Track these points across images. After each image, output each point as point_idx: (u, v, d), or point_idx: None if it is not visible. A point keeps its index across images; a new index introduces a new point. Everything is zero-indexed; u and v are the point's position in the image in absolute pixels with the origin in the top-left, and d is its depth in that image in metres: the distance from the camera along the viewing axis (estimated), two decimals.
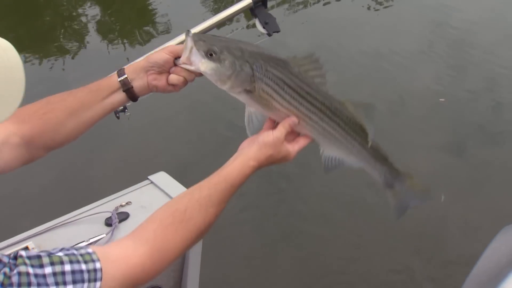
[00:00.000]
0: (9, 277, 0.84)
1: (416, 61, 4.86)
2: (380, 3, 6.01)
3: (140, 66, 1.32)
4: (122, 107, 2.03)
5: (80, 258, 0.93)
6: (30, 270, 0.86)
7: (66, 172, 3.64)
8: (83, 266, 0.92)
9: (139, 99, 1.38)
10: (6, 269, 0.84)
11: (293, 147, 1.31)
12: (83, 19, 6.07)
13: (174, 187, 1.94)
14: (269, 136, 1.26)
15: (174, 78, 1.29)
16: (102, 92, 1.31)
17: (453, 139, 3.93)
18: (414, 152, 3.73)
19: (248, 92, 1.28)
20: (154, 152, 3.79)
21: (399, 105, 4.28)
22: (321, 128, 1.35)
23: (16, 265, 0.85)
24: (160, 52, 1.30)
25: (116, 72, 1.34)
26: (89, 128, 1.35)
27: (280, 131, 1.27)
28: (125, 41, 5.54)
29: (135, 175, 2.11)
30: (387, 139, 3.66)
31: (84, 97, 1.30)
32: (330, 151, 1.40)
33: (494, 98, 4.30)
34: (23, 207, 3.30)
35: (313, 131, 1.35)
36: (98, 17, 6.11)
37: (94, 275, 0.93)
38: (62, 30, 5.90)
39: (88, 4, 6.36)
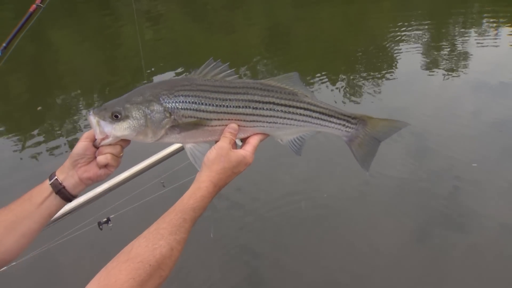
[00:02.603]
0: None
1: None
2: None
3: (67, 165, 1.29)
4: (105, 219, 2.30)
5: None
6: None
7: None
8: None
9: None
10: None
11: (245, 149, 1.28)
12: None
13: None
14: (212, 152, 1.23)
15: (101, 158, 1.25)
16: (36, 199, 1.26)
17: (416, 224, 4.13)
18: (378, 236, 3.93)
19: (174, 127, 1.24)
20: None
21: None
22: (261, 118, 1.31)
23: None
24: (78, 143, 1.27)
25: (48, 177, 1.31)
26: (31, 241, 1.29)
27: (221, 141, 1.25)
28: None
29: None
30: (352, 223, 3.98)
31: (17, 209, 1.25)
32: (285, 136, 1.38)
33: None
34: None
35: (256, 126, 1.31)
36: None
37: None
38: None
39: None
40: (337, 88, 6.94)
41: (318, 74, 7.42)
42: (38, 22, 2.86)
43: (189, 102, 1.24)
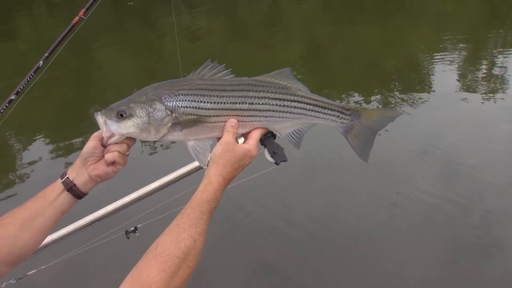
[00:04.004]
0: None
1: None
2: None
3: (77, 163, 1.35)
4: (133, 228, 2.33)
5: None
6: None
7: None
8: None
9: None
10: None
11: (249, 143, 1.34)
12: None
13: None
14: (218, 147, 1.30)
15: (109, 156, 1.31)
16: (49, 197, 1.32)
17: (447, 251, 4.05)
18: (408, 263, 3.85)
19: (176, 125, 1.32)
20: None
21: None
22: (258, 113, 1.36)
23: None
24: (87, 143, 1.34)
25: (60, 176, 1.36)
26: (45, 236, 1.36)
27: (225, 136, 1.31)
28: None
29: None
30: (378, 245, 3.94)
31: (32, 206, 1.31)
32: (283, 129, 1.43)
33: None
34: None
35: (254, 120, 1.37)
36: None
37: None
38: None
39: None
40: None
41: (351, 92, 7.40)
42: (84, 35, 2.94)
43: (188, 100, 1.31)
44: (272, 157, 1.44)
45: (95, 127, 1.32)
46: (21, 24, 14.86)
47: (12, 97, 2.26)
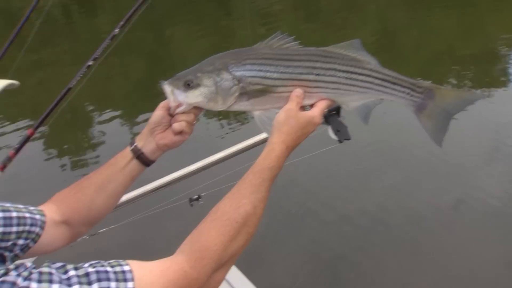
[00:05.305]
0: (30, 273, 0.86)
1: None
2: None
3: (145, 132, 1.37)
4: (197, 196, 2.42)
5: (108, 267, 0.94)
6: (53, 271, 0.88)
7: None
8: (109, 268, 0.93)
9: None
10: (26, 272, 0.86)
11: (313, 111, 1.32)
12: None
13: (237, 277, 2.10)
14: (281, 114, 1.28)
15: (176, 125, 1.32)
16: (120, 164, 1.37)
17: None
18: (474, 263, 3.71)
19: (243, 94, 1.31)
20: None
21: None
22: (324, 84, 1.34)
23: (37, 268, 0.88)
24: (154, 112, 1.36)
25: (129, 144, 1.40)
26: (117, 201, 1.43)
27: (289, 104, 1.30)
28: None
29: None
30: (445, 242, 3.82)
31: (105, 172, 1.37)
32: (350, 102, 1.39)
33: None
34: None
35: (320, 92, 1.35)
36: None
37: (123, 276, 0.93)
38: None
39: None
40: None
41: (424, 78, 7.14)
42: (160, 14, 2.99)
43: (255, 70, 1.30)
44: (335, 134, 1.42)
45: (162, 99, 1.34)
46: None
47: (90, 63, 2.39)
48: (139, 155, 1.36)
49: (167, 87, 1.29)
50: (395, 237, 4.06)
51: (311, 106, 1.36)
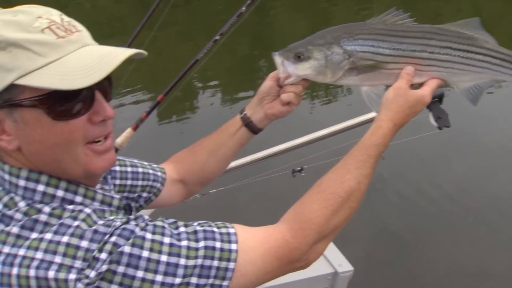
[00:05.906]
0: (146, 225, 0.93)
1: None
2: None
3: (254, 101, 1.43)
4: (299, 168, 2.50)
5: (215, 228, 0.99)
6: (166, 226, 0.95)
7: None
8: (216, 229, 0.98)
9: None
10: (143, 223, 0.93)
11: (423, 89, 1.29)
12: None
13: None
14: (390, 92, 1.27)
15: (284, 96, 1.35)
16: (230, 130, 1.44)
17: None
18: None
19: (352, 69, 1.30)
20: None
21: None
22: (437, 63, 1.30)
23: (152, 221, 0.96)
24: (264, 83, 1.40)
25: (239, 112, 1.46)
26: (227, 165, 1.52)
27: (399, 81, 1.27)
28: None
29: None
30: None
31: (216, 138, 1.45)
32: (461, 82, 1.35)
33: None
34: None
35: (432, 70, 1.31)
36: None
37: (228, 238, 0.98)
38: None
39: None
40: None
41: None
42: None
43: (367, 45, 1.28)
44: (436, 121, 1.40)
45: (269, 71, 1.37)
46: None
47: (217, 37, 2.52)
48: (248, 123, 1.42)
49: (277, 58, 1.31)
50: (473, 218, 4.20)
51: (420, 85, 1.33)
